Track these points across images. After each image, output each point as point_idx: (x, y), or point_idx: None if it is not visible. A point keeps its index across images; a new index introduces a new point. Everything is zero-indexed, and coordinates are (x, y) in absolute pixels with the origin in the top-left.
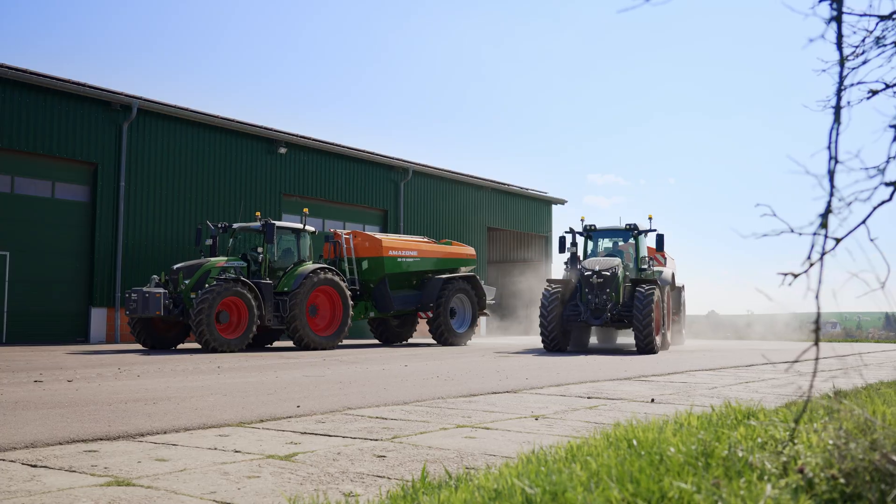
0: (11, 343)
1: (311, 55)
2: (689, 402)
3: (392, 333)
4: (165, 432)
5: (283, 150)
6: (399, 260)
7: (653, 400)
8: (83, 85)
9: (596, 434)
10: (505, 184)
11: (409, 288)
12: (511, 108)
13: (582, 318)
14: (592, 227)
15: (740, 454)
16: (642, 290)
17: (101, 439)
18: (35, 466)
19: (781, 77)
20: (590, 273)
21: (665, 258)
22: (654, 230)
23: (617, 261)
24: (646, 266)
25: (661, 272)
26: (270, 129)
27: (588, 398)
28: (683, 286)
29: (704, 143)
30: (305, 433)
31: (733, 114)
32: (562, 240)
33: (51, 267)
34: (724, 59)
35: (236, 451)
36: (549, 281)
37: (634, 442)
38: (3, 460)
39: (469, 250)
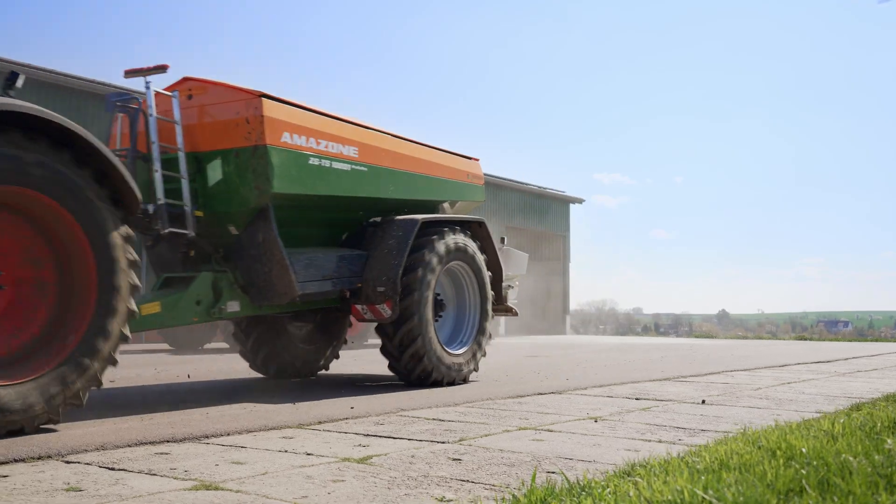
0: None
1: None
2: (739, 404)
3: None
4: (229, 434)
5: None
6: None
7: (703, 401)
8: (106, 85)
9: (735, 438)
10: (523, 183)
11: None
12: (516, 108)
13: None
14: None
15: None
16: None
17: (168, 441)
18: (114, 469)
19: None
20: None
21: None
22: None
23: None
24: None
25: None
26: None
27: (636, 399)
28: (503, 240)
29: (711, 141)
30: (368, 435)
31: (739, 114)
32: None
33: None
34: (730, 58)
35: (308, 454)
36: None
37: (804, 450)
38: (80, 462)
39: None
